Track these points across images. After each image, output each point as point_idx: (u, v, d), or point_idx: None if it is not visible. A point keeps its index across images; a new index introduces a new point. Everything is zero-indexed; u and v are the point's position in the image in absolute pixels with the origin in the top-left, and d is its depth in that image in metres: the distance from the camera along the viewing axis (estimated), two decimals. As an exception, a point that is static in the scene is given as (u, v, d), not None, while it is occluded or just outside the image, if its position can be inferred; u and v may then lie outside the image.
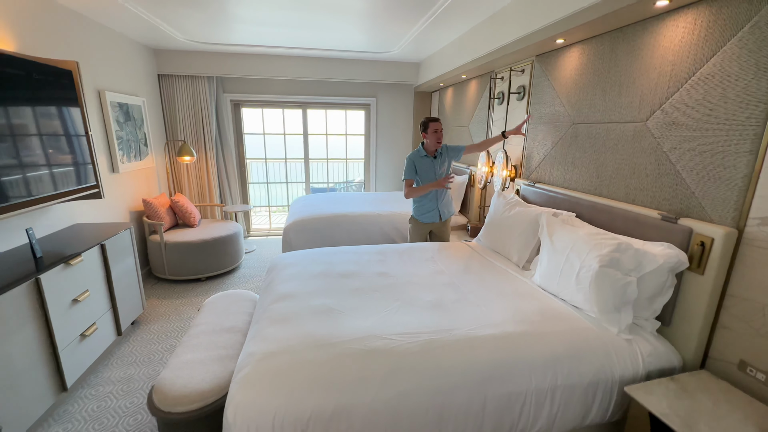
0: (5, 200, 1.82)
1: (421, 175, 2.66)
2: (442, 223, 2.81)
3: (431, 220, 2.75)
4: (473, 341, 1.40)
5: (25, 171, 1.97)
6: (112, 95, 3.07)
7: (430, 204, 2.72)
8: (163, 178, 4.13)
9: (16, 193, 1.89)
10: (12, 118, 1.90)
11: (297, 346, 1.33)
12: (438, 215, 2.74)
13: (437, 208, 2.73)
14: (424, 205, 2.73)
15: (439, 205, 2.72)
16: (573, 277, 1.69)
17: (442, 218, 2.77)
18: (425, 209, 2.74)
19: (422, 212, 2.75)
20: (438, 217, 2.75)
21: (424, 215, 2.75)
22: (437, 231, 2.86)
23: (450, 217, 2.83)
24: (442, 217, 2.76)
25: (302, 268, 2.05)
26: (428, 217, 2.75)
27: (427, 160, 2.65)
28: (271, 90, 4.58)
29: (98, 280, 2.24)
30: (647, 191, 1.77)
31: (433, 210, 2.73)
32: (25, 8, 2.23)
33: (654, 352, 1.48)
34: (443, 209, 2.75)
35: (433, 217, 2.74)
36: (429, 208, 2.73)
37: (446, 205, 2.77)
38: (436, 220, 2.76)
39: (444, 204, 2.75)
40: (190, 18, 2.94)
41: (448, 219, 2.84)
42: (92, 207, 2.82)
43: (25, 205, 1.95)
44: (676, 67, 1.61)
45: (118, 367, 2.26)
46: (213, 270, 3.55)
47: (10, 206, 1.86)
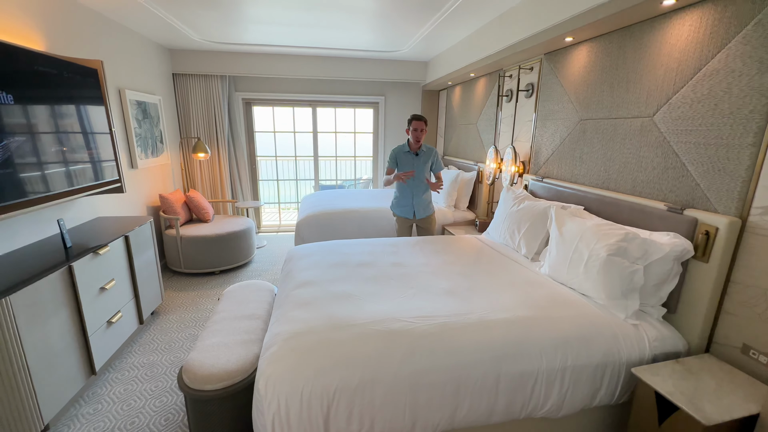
0: (40, 192, 1.92)
1: (401, 168, 2.81)
2: (423, 220, 2.91)
3: (406, 215, 2.89)
4: (487, 323, 1.48)
5: (56, 165, 2.07)
6: (131, 93, 3.18)
7: (406, 200, 2.86)
8: (177, 174, 4.24)
9: (48, 186, 1.99)
10: (45, 114, 2.00)
11: (320, 327, 1.41)
12: (412, 212, 2.87)
13: (411, 205, 2.85)
14: (400, 200, 2.89)
15: (413, 202, 2.85)
16: (581, 266, 1.75)
17: (417, 216, 2.88)
18: (401, 203, 2.89)
19: (397, 205, 2.91)
20: (412, 213, 2.87)
21: (401, 209, 2.90)
22: (422, 229, 2.98)
23: (428, 216, 2.91)
24: (417, 215, 2.87)
25: (320, 258, 2.13)
26: (402, 212, 2.89)
27: (408, 156, 2.78)
28: (281, 89, 4.67)
29: (123, 270, 2.34)
30: (654, 184, 1.83)
31: (407, 206, 2.87)
32: (53, 9, 2.33)
33: (660, 336, 1.55)
34: (417, 208, 2.86)
35: (407, 213, 2.87)
36: (404, 203, 2.88)
37: (421, 205, 2.87)
38: (410, 216, 2.88)
39: (418, 203, 2.85)
40: (206, 18, 3.03)
41: (427, 218, 2.91)
42: (113, 201, 2.92)
43: (56, 197, 2.04)
44: (682, 64, 1.67)
45: (141, 354, 2.36)
46: (226, 264, 3.65)
47: (43, 198, 1.96)
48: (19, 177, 1.79)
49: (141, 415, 1.86)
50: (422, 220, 2.92)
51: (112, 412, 1.88)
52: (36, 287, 1.63)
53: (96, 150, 2.42)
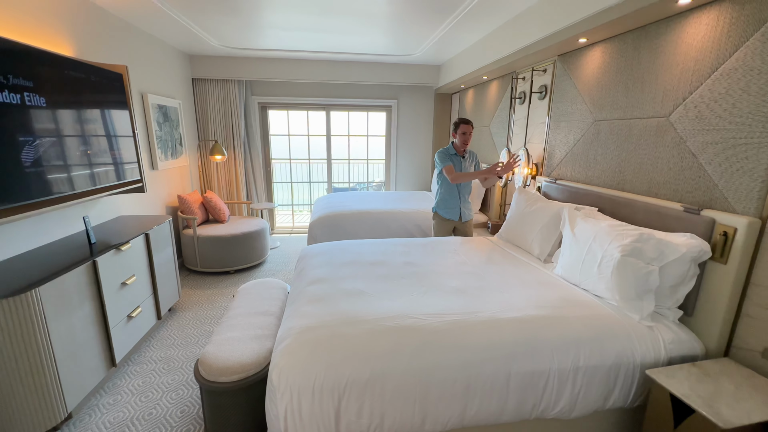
0: (67, 190, 2.01)
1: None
2: (463, 223, 2.90)
3: (452, 218, 2.86)
4: (498, 322, 1.48)
5: (82, 165, 2.16)
6: (153, 98, 3.30)
7: (453, 201, 2.82)
8: (195, 175, 4.36)
9: (74, 185, 2.08)
10: (73, 116, 2.10)
11: (333, 322, 1.44)
12: (459, 214, 2.85)
13: (459, 206, 2.83)
14: (448, 202, 2.83)
15: (461, 204, 2.83)
16: (595, 267, 1.74)
17: (463, 219, 2.87)
18: (448, 205, 2.84)
19: (445, 207, 2.85)
20: (458, 216, 2.85)
21: (447, 211, 2.85)
22: (461, 232, 2.95)
23: (470, 219, 2.92)
24: (463, 217, 2.86)
25: (332, 256, 2.16)
26: (450, 214, 2.85)
27: (456, 158, 2.78)
28: (296, 93, 4.77)
29: (143, 267, 2.42)
30: (670, 185, 1.80)
31: (455, 208, 2.83)
32: (82, 17, 2.45)
33: (676, 339, 1.52)
34: (464, 210, 2.85)
35: (454, 215, 2.85)
36: (452, 205, 2.83)
37: (467, 207, 2.88)
38: (456, 219, 2.86)
39: (465, 206, 2.86)
40: (225, 24, 3.13)
41: (469, 221, 2.92)
42: (134, 201, 3.03)
43: (81, 196, 2.14)
44: (698, 63, 1.65)
45: (159, 348, 2.43)
46: (241, 263, 3.72)
47: (70, 196, 2.05)
48: (48, 176, 1.89)
49: (158, 407, 1.92)
50: (465, 223, 2.90)
51: (131, 403, 1.94)
52: (62, 280, 1.71)
53: (119, 151, 2.52)
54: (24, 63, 1.76)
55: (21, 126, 1.73)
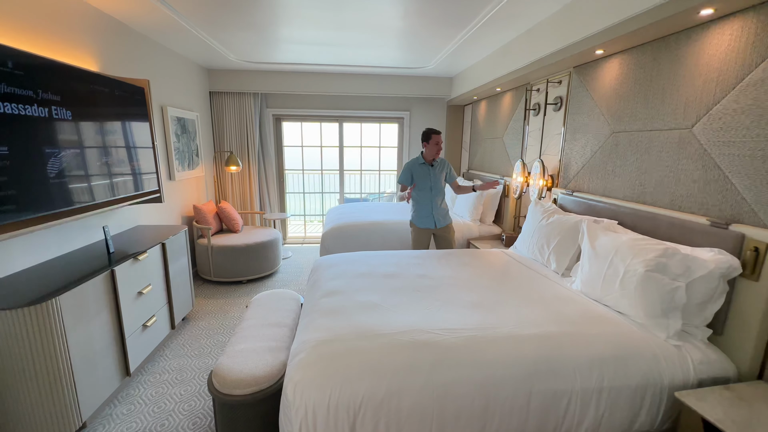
0: (88, 201, 2.06)
1: (418, 181, 2.89)
2: (440, 229, 2.98)
3: (428, 226, 2.95)
4: (516, 338, 1.43)
5: (103, 176, 2.22)
6: (172, 110, 3.38)
7: (426, 210, 2.93)
8: (210, 186, 4.43)
9: (95, 196, 2.13)
10: (96, 129, 2.16)
11: (348, 335, 1.42)
12: (433, 222, 2.94)
13: (432, 215, 2.93)
14: (420, 212, 2.95)
15: (433, 212, 2.93)
16: (617, 283, 1.68)
17: (438, 225, 2.95)
18: (421, 215, 2.96)
19: (419, 217, 2.96)
20: (433, 223, 2.94)
21: (421, 220, 2.96)
22: (441, 238, 3.02)
23: (447, 225, 3.00)
24: (438, 224, 2.95)
25: (346, 268, 2.15)
26: (425, 223, 2.96)
27: (424, 168, 2.90)
28: (310, 105, 4.84)
29: (158, 276, 2.44)
30: (694, 198, 1.75)
31: (428, 217, 2.94)
32: (106, 33, 2.54)
33: (705, 360, 1.45)
34: (437, 217, 2.94)
35: (428, 223, 2.95)
36: (424, 214, 2.94)
37: (441, 214, 2.97)
38: (431, 227, 2.95)
39: (438, 212, 2.94)
40: (244, 39, 3.22)
41: (446, 227, 3.00)
42: (151, 211, 3.08)
43: (101, 206, 2.18)
44: (722, 74, 1.62)
45: (173, 358, 2.43)
46: (253, 273, 3.74)
47: (91, 206, 2.10)
48: (71, 187, 1.94)
49: (171, 418, 1.91)
50: (442, 229, 2.98)
51: (145, 414, 1.94)
52: (82, 289, 1.73)
53: (139, 162, 2.58)
54: (53, 78, 1.82)
55: (48, 138, 1.79)
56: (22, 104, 1.63)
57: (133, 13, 2.56)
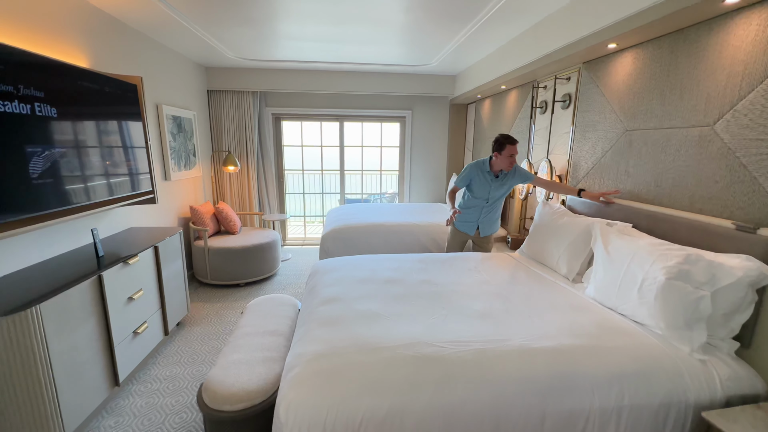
0: (76, 202, 1.97)
1: (475, 188, 2.62)
2: (481, 238, 2.77)
3: (467, 231, 2.75)
4: (528, 352, 1.33)
5: (93, 176, 2.12)
6: (168, 109, 3.29)
7: (472, 215, 2.69)
8: (208, 186, 4.34)
9: (84, 197, 2.03)
10: (84, 127, 2.06)
11: (346, 349, 1.32)
12: (475, 229, 2.72)
13: (476, 221, 2.70)
14: (465, 216, 2.70)
15: (479, 219, 2.69)
16: (635, 291, 1.57)
17: (481, 234, 2.74)
18: (465, 218, 2.71)
19: (461, 220, 2.73)
20: (475, 230, 2.73)
21: (462, 224, 2.74)
22: (478, 246, 2.82)
23: (490, 235, 2.79)
24: (481, 232, 2.73)
25: (345, 273, 2.05)
26: (465, 227, 2.74)
27: (487, 177, 2.56)
28: (310, 104, 4.74)
29: (151, 281, 2.35)
30: (717, 200, 1.64)
31: (472, 222, 2.71)
32: (98, 28, 2.45)
33: (733, 375, 1.34)
34: (483, 226, 2.71)
35: (470, 229, 2.73)
36: (469, 218, 2.70)
37: (487, 223, 2.71)
38: (471, 233, 2.74)
39: (485, 221, 2.69)
40: (242, 36, 3.12)
41: (488, 237, 2.79)
42: (146, 212, 2.99)
43: (91, 207, 2.09)
44: (749, 67, 1.50)
45: (165, 366, 2.33)
46: (252, 276, 3.64)
47: (79, 207, 2.00)
48: (57, 187, 1.84)
49: (161, 431, 1.81)
50: (483, 238, 2.77)
51: (133, 426, 1.84)
52: (66, 296, 1.64)
53: (131, 162, 2.48)
54: (36, 73, 1.72)
55: (30, 137, 1.69)
56: (0, 100, 1.53)
57: (127, 8, 2.47)
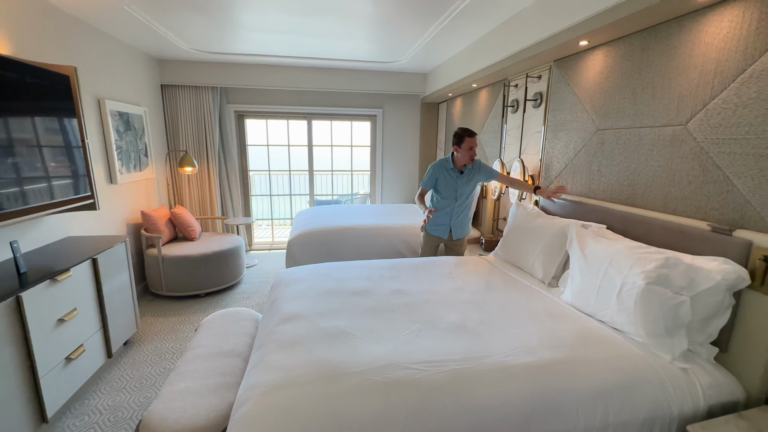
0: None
1: (442, 188, 2.53)
2: (453, 241, 2.67)
3: (440, 235, 2.63)
4: (509, 370, 1.22)
5: (12, 179, 1.83)
6: (112, 104, 2.97)
7: (443, 219, 2.58)
8: (163, 189, 4.00)
9: (1, 204, 1.74)
10: (1, 123, 1.77)
11: (306, 377, 1.15)
12: (448, 232, 2.61)
13: (449, 224, 2.59)
14: (436, 219, 2.58)
15: (451, 222, 2.59)
16: (613, 296, 1.51)
17: (453, 237, 2.63)
18: (437, 222, 2.59)
19: (433, 224, 2.61)
20: (448, 234, 2.62)
21: (435, 228, 2.62)
22: (451, 250, 2.71)
23: (462, 238, 2.69)
24: (453, 236, 2.63)
25: (310, 284, 1.87)
26: (438, 231, 2.63)
27: (452, 174, 2.50)
28: (275, 101, 4.50)
29: (88, 298, 2.07)
30: (690, 200, 1.61)
31: (444, 225, 2.60)
32: (21, 11, 2.13)
33: (715, 383, 1.29)
34: (455, 228, 2.61)
35: (443, 232, 2.62)
36: (441, 221, 2.59)
37: (460, 226, 2.62)
38: (444, 237, 2.63)
39: (457, 223, 2.60)
40: (194, 25, 2.85)
41: (461, 240, 2.69)
42: (87, 219, 2.67)
43: (10, 216, 1.79)
44: (721, 65, 1.47)
45: (107, 394, 2.07)
46: (213, 285, 3.37)
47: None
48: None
49: (95, 476, 1.57)
50: (455, 242, 2.66)
51: (62, 471, 1.59)
52: (-31, 325, 1.37)
53: (64, 163, 2.18)
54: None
55: None
56: None
57: (53, -14, 2.17)
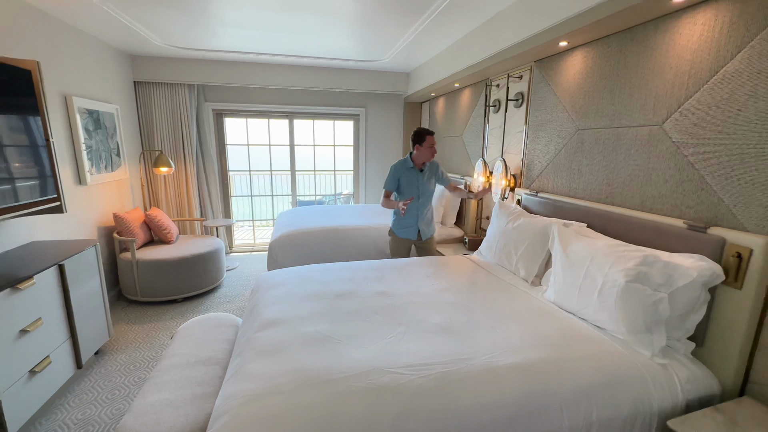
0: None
1: (404, 187, 2.54)
2: (424, 242, 2.67)
3: (408, 237, 2.63)
4: (494, 372, 1.21)
5: (-32, 181, 1.71)
6: (80, 101, 2.82)
7: (410, 220, 2.58)
8: (137, 190, 3.84)
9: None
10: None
11: (288, 385, 1.11)
12: (417, 233, 2.62)
13: (416, 225, 2.60)
14: (403, 220, 2.59)
15: (418, 222, 2.59)
16: (594, 294, 1.53)
17: (422, 237, 2.64)
18: (403, 224, 2.60)
19: (400, 227, 2.62)
20: (416, 235, 2.62)
21: (402, 230, 2.62)
22: (423, 250, 2.71)
23: (431, 237, 2.70)
24: (422, 236, 2.63)
25: (292, 288, 1.82)
26: (405, 233, 2.62)
27: (413, 172, 2.54)
28: (255, 99, 4.39)
29: (54, 306, 1.95)
30: (667, 199, 1.64)
31: (412, 227, 2.60)
32: (-22, 1, 1.99)
33: (692, 377, 1.32)
34: (423, 228, 2.62)
35: (411, 234, 2.62)
36: (407, 224, 2.60)
37: (427, 224, 2.64)
38: (413, 238, 2.63)
39: (424, 223, 2.61)
40: (169, 19, 2.74)
41: (430, 239, 2.70)
42: (54, 223, 2.53)
43: (-35, 221, 1.67)
44: (695, 66, 1.51)
45: (76, 407, 1.96)
46: (191, 290, 3.26)
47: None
48: None
49: (62, 496, 1.48)
50: (425, 241, 2.66)
51: (26, 493, 1.49)
52: None
53: (28, 163, 2.05)
54: None
55: None
56: None
57: (12, -25, 2.04)
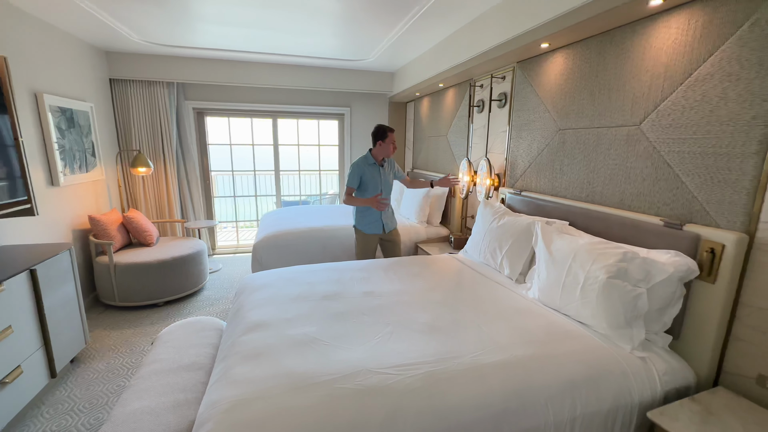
0: None
1: (368, 182, 2.62)
2: (389, 234, 2.75)
3: (374, 231, 2.69)
4: (481, 369, 1.22)
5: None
6: (52, 98, 2.71)
7: (374, 215, 2.66)
8: (114, 192, 3.72)
9: None
10: None
11: (274, 390, 1.09)
12: (381, 227, 2.69)
13: (380, 219, 2.67)
14: (367, 216, 2.66)
15: (382, 216, 2.68)
16: (577, 291, 1.56)
17: (386, 230, 2.71)
18: (368, 219, 2.67)
19: (365, 223, 2.68)
20: (381, 228, 2.69)
21: (368, 226, 2.68)
22: (388, 242, 2.78)
23: (395, 228, 2.80)
24: (386, 228, 2.71)
25: (277, 290, 1.80)
26: (372, 228, 2.68)
27: (374, 168, 2.64)
28: (238, 98, 4.31)
29: (26, 313, 1.87)
30: (644, 197, 1.69)
31: (377, 221, 2.67)
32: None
33: (669, 369, 1.37)
34: (386, 221, 2.71)
35: (377, 228, 2.69)
36: (373, 219, 2.67)
37: (389, 217, 2.74)
38: (379, 232, 2.70)
39: (386, 216, 2.71)
40: (146, 15, 2.66)
41: (394, 231, 2.79)
42: (25, 226, 2.41)
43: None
44: (670, 69, 1.56)
45: (50, 418, 1.88)
46: (172, 293, 3.17)
47: None
48: None
49: None
50: (390, 233, 2.75)
51: None
52: None
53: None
54: None
55: None
56: None
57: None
